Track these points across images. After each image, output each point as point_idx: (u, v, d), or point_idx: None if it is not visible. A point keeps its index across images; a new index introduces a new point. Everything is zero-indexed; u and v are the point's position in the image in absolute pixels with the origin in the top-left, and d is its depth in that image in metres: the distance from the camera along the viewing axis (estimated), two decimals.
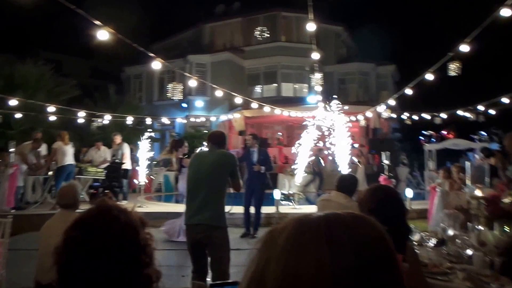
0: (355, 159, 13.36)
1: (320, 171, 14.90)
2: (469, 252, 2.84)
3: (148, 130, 10.81)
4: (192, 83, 8.38)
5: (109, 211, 1.15)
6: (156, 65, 6.29)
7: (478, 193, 3.18)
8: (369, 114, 13.99)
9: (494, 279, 2.44)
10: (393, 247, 1.49)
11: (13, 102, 10.05)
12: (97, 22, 4.50)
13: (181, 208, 9.41)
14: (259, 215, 7.33)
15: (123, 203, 8.31)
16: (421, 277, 2.30)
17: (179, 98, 7.36)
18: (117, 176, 4.66)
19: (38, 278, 3.12)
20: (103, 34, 4.62)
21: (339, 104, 9.91)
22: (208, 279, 3.63)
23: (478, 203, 3.15)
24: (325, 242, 0.66)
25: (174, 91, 7.20)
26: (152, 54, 5.93)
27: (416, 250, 3.00)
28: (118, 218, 1.13)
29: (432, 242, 3.12)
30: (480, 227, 3.19)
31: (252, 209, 7.35)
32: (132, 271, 1.11)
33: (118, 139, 10.30)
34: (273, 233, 0.71)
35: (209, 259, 3.55)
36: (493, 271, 2.57)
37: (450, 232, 3.44)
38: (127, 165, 9.98)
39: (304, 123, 10.41)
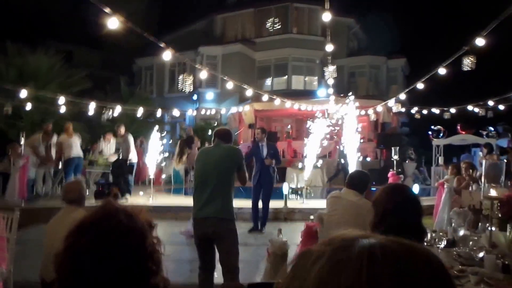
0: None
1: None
2: (481, 254, 2.80)
3: (156, 126, 10.78)
4: (203, 74, 8.33)
5: (114, 215, 1.07)
6: (167, 55, 6.16)
7: (493, 193, 3.14)
8: (379, 109, 13.86)
9: (507, 283, 2.42)
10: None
11: (23, 93, 10.09)
12: (107, 10, 4.50)
13: (190, 201, 9.50)
14: (267, 210, 7.35)
15: (127, 197, 8.33)
16: None
17: (190, 90, 7.31)
18: (122, 172, 4.63)
19: (43, 275, 3.13)
20: (113, 23, 4.59)
21: (353, 98, 9.87)
22: (215, 275, 3.65)
23: (492, 203, 3.12)
24: (365, 282, 0.54)
25: (185, 83, 7.15)
26: (162, 45, 5.90)
27: None
28: (123, 223, 1.06)
29: (443, 242, 3.11)
30: (492, 228, 3.16)
31: (260, 204, 7.37)
32: (138, 280, 1.04)
33: (122, 130, 10.07)
34: (307, 259, 0.61)
35: (217, 254, 3.56)
36: (505, 275, 2.55)
37: (461, 232, 3.42)
38: (132, 158, 9.81)
39: (315, 118, 10.36)
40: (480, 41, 5.60)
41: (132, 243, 1.05)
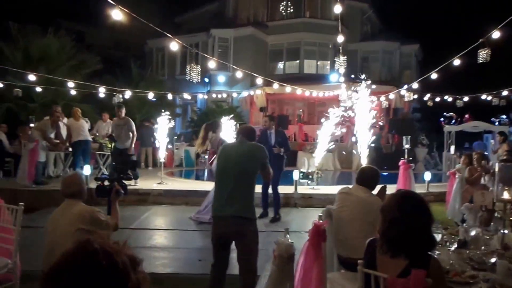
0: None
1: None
2: (493, 260, 2.77)
3: (164, 110, 10.47)
4: (211, 64, 8.32)
5: (92, 256, 0.97)
6: (174, 46, 6.21)
7: (506, 195, 3.11)
8: (392, 96, 13.73)
9: None
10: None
11: (33, 76, 9.98)
12: None
13: (203, 186, 9.58)
14: (278, 196, 7.33)
15: (137, 182, 8.12)
16: None
17: (197, 80, 7.20)
18: (126, 168, 4.58)
19: (45, 269, 3.08)
20: (118, 14, 4.58)
21: (366, 83, 9.76)
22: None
23: (505, 206, 3.10)
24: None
25: (193, 73, 7.04)
26: (169, 35, 5.88)
27: (437, 255, 2.97)
28: (102, 265, 0.96)
29: (454, 245, 3.11)
30: (505, 231, 3.14)
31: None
32: None
33: (123, 112, 9.43)
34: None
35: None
36: None
37: (472, 233, 3.40)
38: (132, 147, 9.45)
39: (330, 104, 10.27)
40: (496, 34, 5.51)
41: (113, 286, 0.96)
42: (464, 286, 2.47)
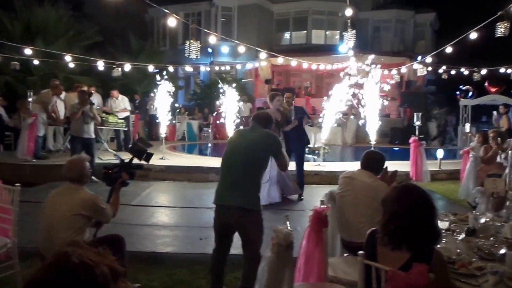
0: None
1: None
2: (502, 251, 2.61)
3: (158, 80, 10.25)
4: (212, 40, 8.00)
5: (70, 272, 0.95)
6: (172, 22, 6.22)
7: None
8: (404, 70, 13.27)
9: None
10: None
11: (28, 51, 9.84)
12: None
13: (206, 161, 9.40)
14: (302, 173, 7.17)
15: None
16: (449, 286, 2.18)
17: (197, 57, 6.86)
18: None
19: (42, 251, 3.10)
20: None
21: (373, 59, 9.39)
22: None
23: None
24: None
25: (192, 48, 6.67)
26: (167, 11, 5.65)
27: (444, 243, 2.81)
28: (82, 281, 0.94)
29: (461, 234, 2.88)
30: None
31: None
32: None
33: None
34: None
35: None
36: None
37: (482, 220, 3.19)
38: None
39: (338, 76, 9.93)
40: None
41: None
42: (470, 278, 2.34)
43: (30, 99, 9.07)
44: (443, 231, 3.08)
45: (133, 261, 3.78)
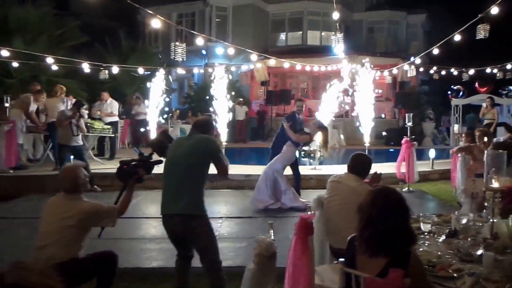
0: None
1: None
2: (479, 252, 2.68)
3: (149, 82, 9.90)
4: (199, 41, 7.96)
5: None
6: (156, 23, 6.21)
7: (495, 184, 2.96)
8: (395, 71, 13.40)
9: (503, 285, 2.30)
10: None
11: (4, 52, 8.92)
12: None
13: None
14: (299, 175, 7.28)
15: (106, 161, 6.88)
16: None
17: (183, 59, 6.73)
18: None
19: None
20: None
21: (367, 61, 9.48)
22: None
23: (494, 195, 2.94)
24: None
25: (177, 52, 6.55)
26: (151, 12, 5.63)
27: (426, 246, 2.90)
28: None
29: (442, 236, 2.97)
30: (494, 220, 3.01)
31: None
32: None
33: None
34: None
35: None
36: (502, 275, 2.42)
37: (464, 221, 3.28)
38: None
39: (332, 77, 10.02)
40: (495, 10, 5.48)
41: None
42: (448, 281, 2.40)
43: (7, 104, 8.35)
44: (426, 233, 3.18)
45: (115, 278, 3.52)
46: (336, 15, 6.86)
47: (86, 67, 10.33)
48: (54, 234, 2.90)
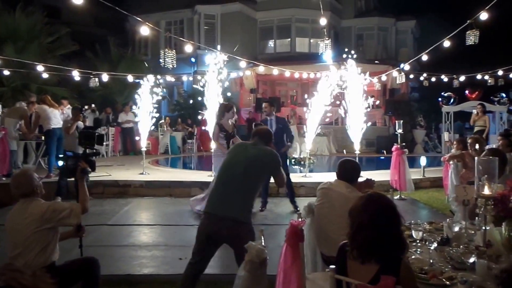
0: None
1: None
2: (471, 260, 2.63)
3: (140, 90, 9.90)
4: (188, 48, 7.96)
5: None
6: (145, 30, 6.21)
7: (487, 190, 2.87)
8: (384, 78, 13.41)
9: None
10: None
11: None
12: None
13: (188, 175, 9.15)
14: (291, 184, 7.17)
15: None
16: None
17: (173, 66, 6.69)
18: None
19: None
20: None
21: (354, 64, 9.43)
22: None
23: (486, 202, 2.86)
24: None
25: (167, 59, 6.51)
26: (139, 18, 5.57)
27: (418, 254, 2.81)
28: None
29: (433, 244, 2.88)
30: (487, 227, 2.92)
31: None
32: None
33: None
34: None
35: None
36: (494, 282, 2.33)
37: (456, 228, 3.21)
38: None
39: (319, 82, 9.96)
40: (484, 15, 5.55)
41: None
42: None
43: None
44: (418, 241, 3.08)
45: (105, 285, 3.58)
46: (323, 21, 6.82)
47: (76, 75, 10.43)
48: (24, 242, 2.85)
